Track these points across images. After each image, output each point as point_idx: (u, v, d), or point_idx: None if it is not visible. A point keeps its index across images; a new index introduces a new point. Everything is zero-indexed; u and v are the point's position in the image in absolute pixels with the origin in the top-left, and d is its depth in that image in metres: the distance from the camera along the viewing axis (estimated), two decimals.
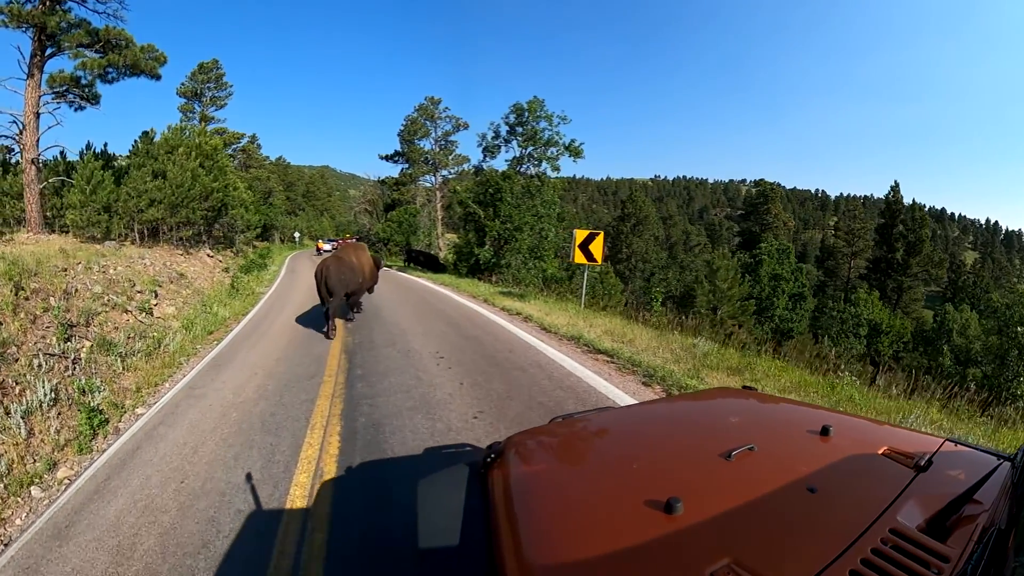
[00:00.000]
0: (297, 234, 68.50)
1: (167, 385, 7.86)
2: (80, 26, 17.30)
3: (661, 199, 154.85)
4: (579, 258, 11.55)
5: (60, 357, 8.05)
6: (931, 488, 1.32)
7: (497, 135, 24.51)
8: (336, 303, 9.49)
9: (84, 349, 8.67)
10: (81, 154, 24.27)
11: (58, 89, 17.74)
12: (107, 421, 6.68)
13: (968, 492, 1.25)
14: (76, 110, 18.83)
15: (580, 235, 11.55)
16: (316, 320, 10.83)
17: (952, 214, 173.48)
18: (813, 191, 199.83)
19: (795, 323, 35.85)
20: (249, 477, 4.39)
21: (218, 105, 43.22)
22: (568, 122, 22.65)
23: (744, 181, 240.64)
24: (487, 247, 21.58)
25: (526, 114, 22.70)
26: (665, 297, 35.54)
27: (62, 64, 17.94)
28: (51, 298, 9.60)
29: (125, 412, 6.94)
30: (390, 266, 28.43)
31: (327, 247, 57.25)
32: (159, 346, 9.83)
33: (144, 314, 11.44)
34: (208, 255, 21.24)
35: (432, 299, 13.39)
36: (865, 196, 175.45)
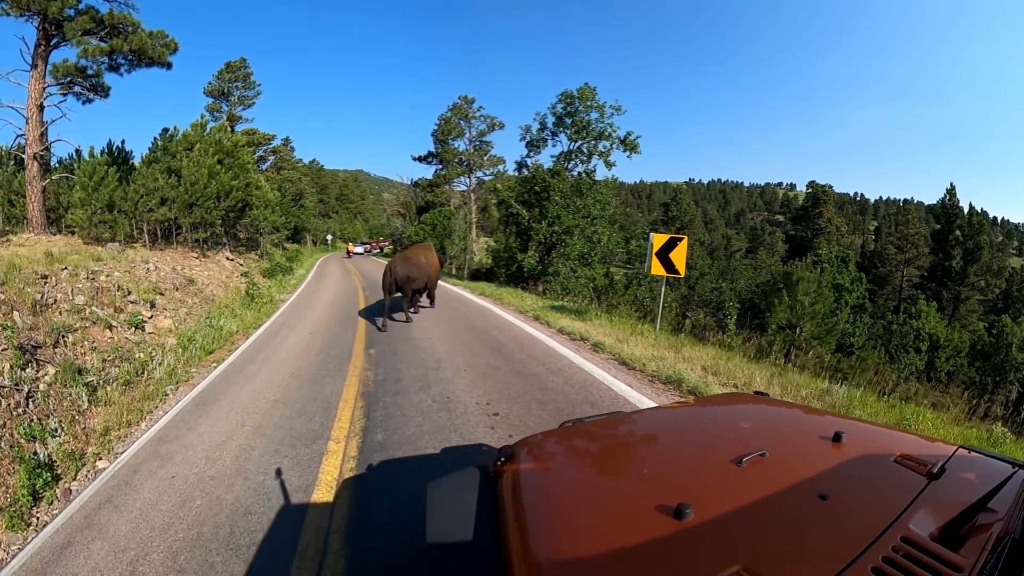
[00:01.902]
0: (329, 236, 68.18)
1: (143, 425, 6.12)
2: (87, 13, 15.84)
3: (696, 203, 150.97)
4: (656, 269, 9.36)
5: (12, 390, 6.31)
6: (944, 496, 1.28)
7: (543, 127, 21.80)
8: (407, 299, 10.06)
9: (46, 378, 6.90)
10: (101, 152, 23.17)
11: (63, 80, 16.28)
12: (58, 479, 4.94)
13: (982, 500, 1.21)
14: (84, 103, 17.41)
15: (658, 240, 9.35)
16: (332, 341, 8.99)
17: (994, 218, 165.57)
18: (852, 194, 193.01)
19: (855, 337, 32.99)
20: None
21: (246, 104, 42.16)
22: (622, 112, 20.10)
23: (781, 184, 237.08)
24: (531, 252, 19.28)
25: (576, 103, 20.15)
26: (716, 309, 32.96)
27: (67, 54, 16.47)
28: (16, 312, 7.91)
29: (83, 465, 5.24)
30: None
31: (358, 250, 56.50)
32: (143, 371, 8.09)
33: (134, 330, 9.68)
34: (227, 258, 19.61)
35: (472, 314, 11.33)
36: (905, 200, 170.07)
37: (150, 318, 10.48)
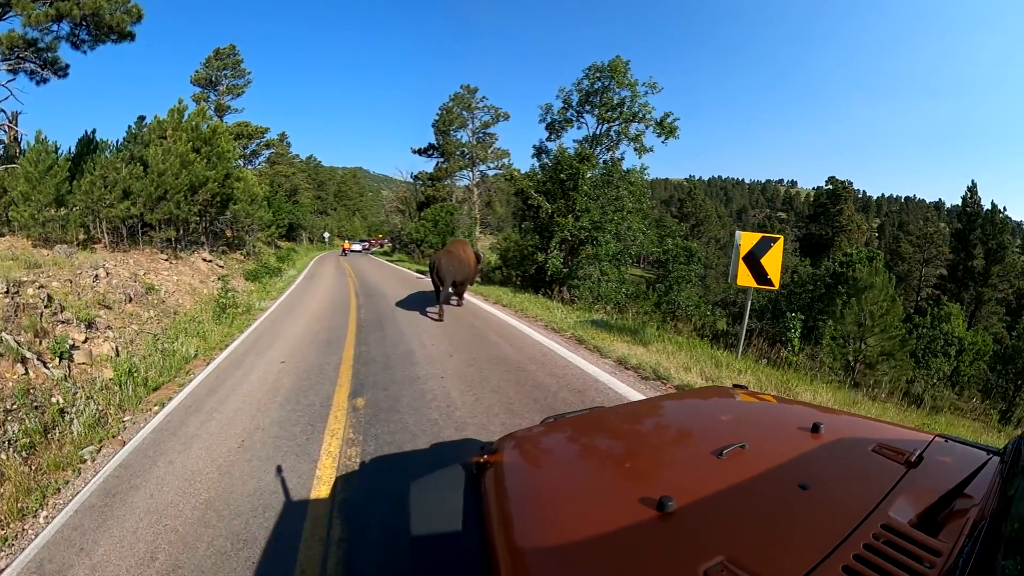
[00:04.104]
0: (327, 234, 66.21)
1: (41, 518, 4.06)
2: None
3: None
4: (744, 278, 7.05)
5: None
6: (922, 483, 1.30)
7: (568, 105, 18.70)
8: (446, 291, 10.50)
9: None
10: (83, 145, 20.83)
11: (9, 56, 13.95)
12: None
13: (958, 487, 1.22)
14: (38, 83, 15.14)
15: (748, 240, 7.03)
16: (307, 377, 6.61)
17: None
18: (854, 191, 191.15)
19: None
20: None
21: (235, 93, 39.69)
22: (658, 90, 17.01)
23: (782, 181, 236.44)
24: (554, 252, 16.42)
25: (606, 78, 17.19)
26: (735, 314, 30.66)
27: (16, 25, 14.10)
28: None
29: None
30: (423, 274, 24.13)
31: (356, 247, 54.60)
32: (59, 423, 5.87)
33: (59, 361, 7.40)
34: (204, 259, 17.24)
35: (493, 335, 8.80)
36: (907, 197, 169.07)
37: (84, 342, 8.17)
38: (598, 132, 18.34)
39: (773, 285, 7.15)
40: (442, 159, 41.72)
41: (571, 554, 1.15)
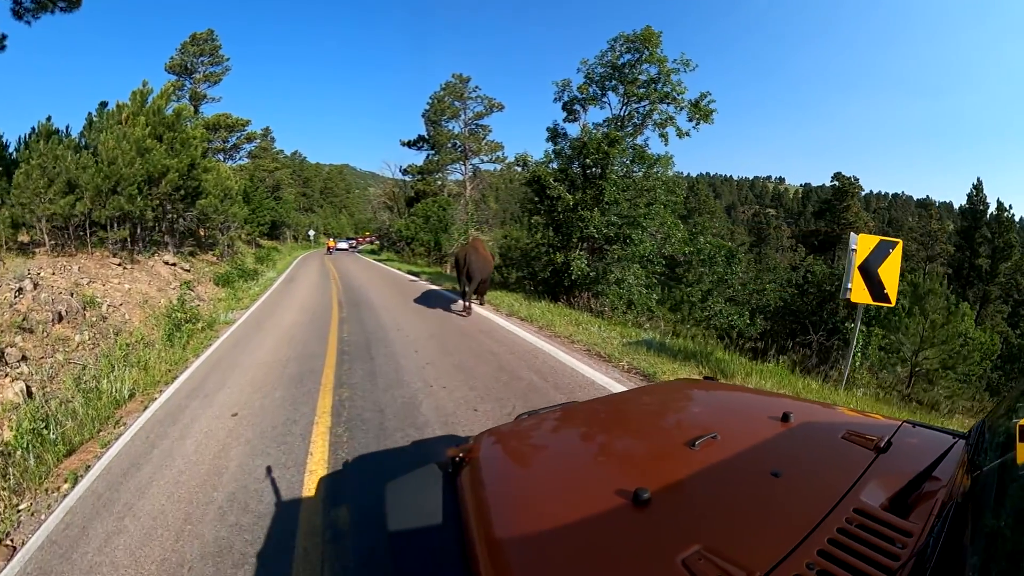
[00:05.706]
0: (312, 232, 64.31)
1: None
2: None
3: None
4: (859, 294, 5.30)
5: None
6: (891, 468, 1.30)
7: (590, 79, 15.95)
8: (473, 287, 10.70)
9: None
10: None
11: None
12: None
13: (927, 470, 1.23)
14: None
15: (864, 245, 5.25)
16: (264, 444, 4.59)
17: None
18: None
19: None
20: None
21: (212, 81, 37.31)
22: (692, 69, 14.78)
23: (770, 178, 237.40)
24: (576, 252, 13.83)
25: (637, 51, 14.79)
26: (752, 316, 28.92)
27: None
28: None
29: None
30: (416, 275, 22.20)
31: (342, 245, 52.92)
32: None
33: None
34: (167, 263, 15.16)
35: (523, 368, 6.52)
36: (895, 194, 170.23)
37: None
38: (622, 114, 16.04)
39: (890, 302, 5.47)
40: (432, 151, 39.61)
41: (548, 547, 1.12)
